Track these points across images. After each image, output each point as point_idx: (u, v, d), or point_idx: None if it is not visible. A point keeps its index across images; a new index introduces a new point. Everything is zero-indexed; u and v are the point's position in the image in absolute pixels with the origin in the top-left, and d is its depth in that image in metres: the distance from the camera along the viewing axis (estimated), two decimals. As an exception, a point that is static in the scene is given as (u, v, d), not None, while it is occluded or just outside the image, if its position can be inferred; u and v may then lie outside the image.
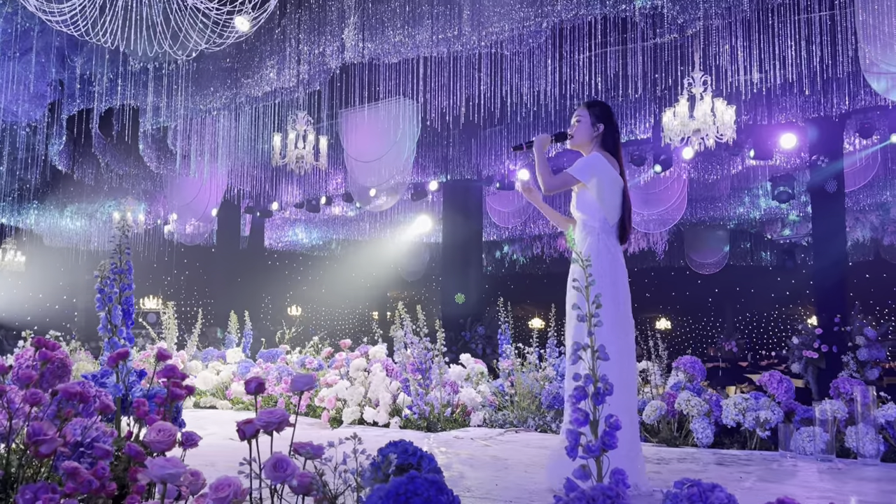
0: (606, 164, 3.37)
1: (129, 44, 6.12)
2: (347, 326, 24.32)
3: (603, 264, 3.29)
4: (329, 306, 23.96)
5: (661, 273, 24.41)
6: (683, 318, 26.60)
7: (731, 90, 8.76)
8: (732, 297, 24.93)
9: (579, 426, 1.83)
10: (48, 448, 1.87)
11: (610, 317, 3.21)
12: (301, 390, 2.23)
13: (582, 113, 3.53)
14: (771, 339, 24.70)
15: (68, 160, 12.76)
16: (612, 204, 3.37)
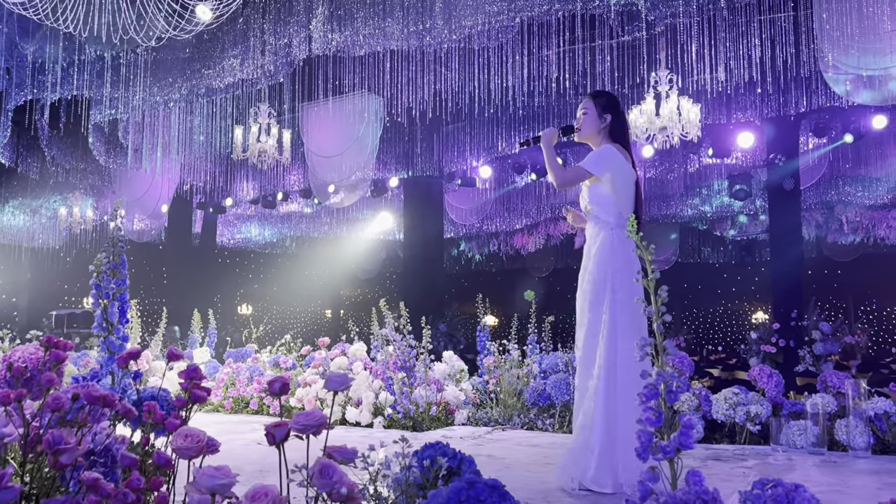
0: (620, 157, 3.31)
1: (92, 29, 5.81)
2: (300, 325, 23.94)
3: (618, 260, 3.23)
4: (280, 304, 23.55)
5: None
6: (632, 315, 27.00)
7: (695, 88, 8.88)
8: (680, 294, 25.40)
9: (652, 425, 1.75)
10: (69, 458, 1.70)
11: (627, 312, 3.16)
12: (337, 390, 2.10)
13: (587, 105, 3.45)
14: (717, 335, 25.29)
15: (12, 153, 12.20)
16: (626, 197, 3.31)
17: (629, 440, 3.05)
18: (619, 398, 3.07)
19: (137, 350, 2.20)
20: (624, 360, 3.10)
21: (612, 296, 3.17)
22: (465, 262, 21.13)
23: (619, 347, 3.12)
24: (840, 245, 18.76)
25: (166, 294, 16.28)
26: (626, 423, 3.04)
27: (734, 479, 3.47)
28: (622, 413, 3.06)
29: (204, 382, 5.88)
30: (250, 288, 22.96)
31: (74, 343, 11.05)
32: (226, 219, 16.97)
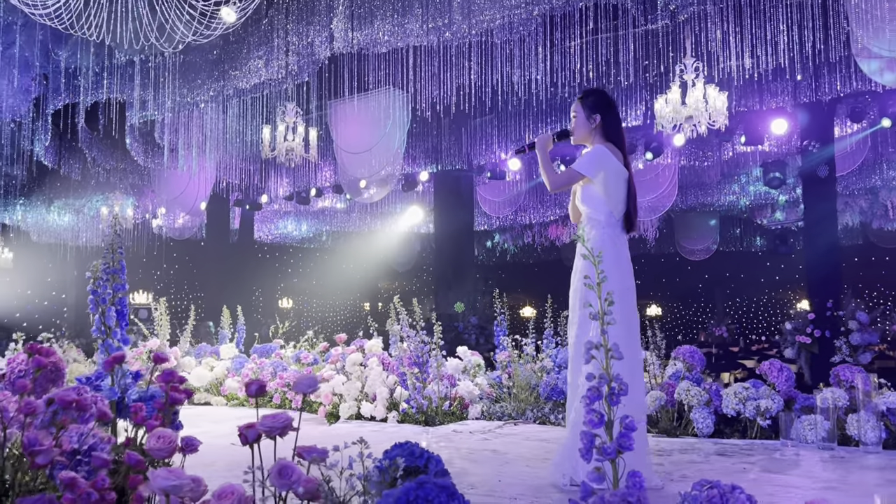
0: (610, 157, 3.31)
1: (115, 36, 6.00)
2: (339, 318, 24.27)
3: (609, 259, 3.22)
4: (320, 298, 23.89)
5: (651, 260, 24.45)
6: (674, 305, 26.70)
7: (723, 76, 8.74)
8: (722, 283, 25.02)
9: (594, 427, 1.78)
10: (44, 459, 1.81)
11: (617, 311, 3.16)
12: (305, 392, 2.18)
13: (576, 108, 3.47)
14: (761, 323, 24.83)
15: (54, 155, 12.61)
16: (617, 197, 3.31)
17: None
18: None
19: (122, 354, 2.31)
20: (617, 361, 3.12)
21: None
22: (500, 254, 21.13)
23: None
24: (886, 231, 18.24)
25: (207, 289, 16.68)
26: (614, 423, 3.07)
27: (733, 474, 3.47)
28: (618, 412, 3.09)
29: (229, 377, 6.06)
30: (290, 282, 23.34)
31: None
32: (263, 215, 17.27)
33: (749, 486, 3.19)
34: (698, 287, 25.48)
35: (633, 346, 3.17)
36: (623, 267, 3.28)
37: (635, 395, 3.11)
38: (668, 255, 22.71)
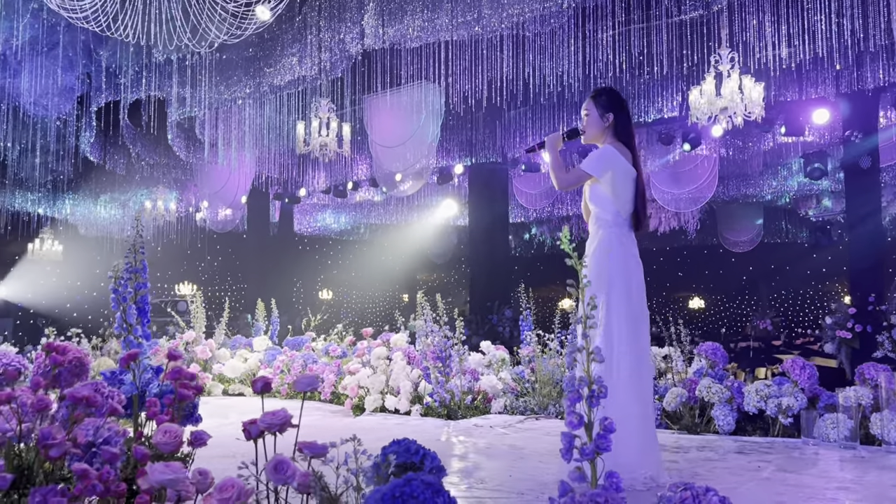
0: (619, 156, 3.32)
1: (150, 38, 6.18)
2: (378, 309, 24.51)
3: (615, 258, 3.25)
4: (360, 290, 24.16)
5: (693, 252, 24.13)
6: (717, 297, 26.31)
7: (760, 66, 8.58)
8: (767, 275, 24.56)
9: (573, 428, 1.82)
10: (57, 451, 1.93)
11: (622, 310, 3.18)
12: (304, 391, 2.27)
13: (588, 106, 3.48)
14: (807, 316, 24.30)
15: (100, 151, 12.99)
16: (624, 197, 3.32)
17: (623, 436, 3.09)
18: (614, 393, 3.12)
19: (136, 352, 2.43)
20: (619, 356, 3.15)
21: (608, 293, 3.21)
22: (537, 247, 21.07)
23: (615, 343, 3.16)
24: (939, 224, 17.69)
25: (249, 281, 17.01)
26: (620, 419, 3.09)
27: (745, 473, 3.46)
28: (616, 408, 3.11)
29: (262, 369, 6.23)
30: (330, 274, 23.64)
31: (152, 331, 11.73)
32: (302, 208, 17.53)
33: (760, 485, 3.19)
34: (742, 279, 25.06)
35: (638, 343, 3.19)
36: (630, 265, 3.28)
37: (637, 390, 3.12)
38: (712, 246, 22.38)
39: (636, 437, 3.06)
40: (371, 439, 4.60)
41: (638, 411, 3.09)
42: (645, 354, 3.23)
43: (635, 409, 3.09)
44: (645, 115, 11.14)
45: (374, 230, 20.58)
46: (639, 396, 3.12)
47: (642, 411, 3.12)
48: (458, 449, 4.14)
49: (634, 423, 3.07)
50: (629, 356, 3.14)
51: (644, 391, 3.16)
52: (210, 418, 5.43)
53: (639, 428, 3.08)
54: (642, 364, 3.18)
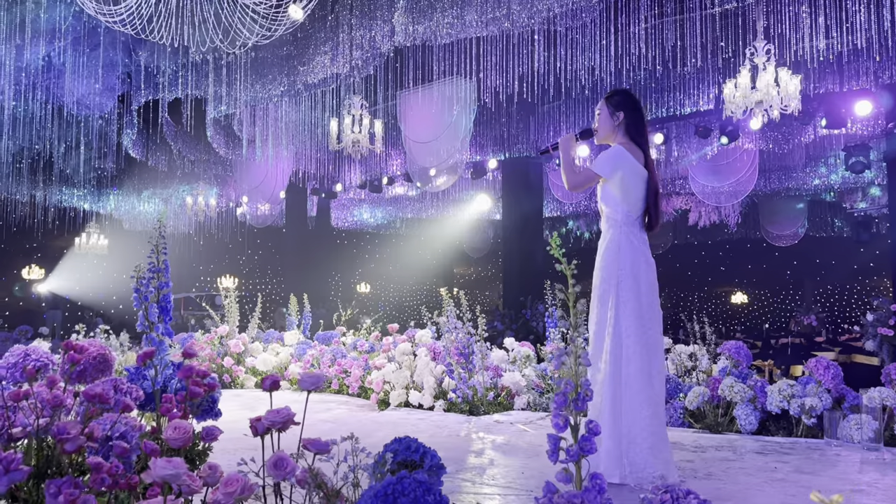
0: (628, 156, 3.32)
1: (183, 40, 6.34)
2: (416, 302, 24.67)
3: (625, 258, 3.27)
4: (397, 283, 24.35)
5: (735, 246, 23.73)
6: (760, 292, 25.86)
7: (797, 58, 8.41)
8: (812, 270, 24.06)
9: (559, 430, 1.86)
10: (72, 445, 2.04)
11: (631, 310, 3.20)
12: (309, 389, 2.34)
13: (601, 106, 3.50)
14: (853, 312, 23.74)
15: (142, 148, 13.33)
16: (634, 196, 3.32)
17: (632, 434, 3.13)
18: (625, 393, 3.15)
19: (152, 350, 2.53)
20: (629, 356, 3.16)
21: (617, 293, 3.23)
22: (574, 241, 20.96)
23: (623, 343, 3.18)
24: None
25: (288, 274, 17.28)
26: (629, 418, 3.12)
27: (760, 473, 3.44)
28: (627, 408, 3.13)
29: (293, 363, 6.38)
30: (368, 267, 23.88)
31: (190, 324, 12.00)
32: (339, 202, 17.74)
33: (772, 486, 3.18)
34: (786, 274, 24.59)
35: (648, 343, 3.19)
36: (640, 265, 3.28)
37: (646, 389, 3.12)
38: (754, 240, 22.01)
39: (647, 436, 3.08)
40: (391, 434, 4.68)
41: (648, 411, 3.10)
42: (655, 354, 3.23)
43: (646, 409, 3.10)
44: (680, 108, 11.02)
45: (410, 224, 20.73)
46: (648, 396, 3.13)
47: (652, 411, 3.12)
48: (476, 445, 4.19)
49: (645, 423, 3.09)
50: (638, 356, 3.15)
51: (654, 391, 3.16)
52: (240, 410, 5.59)
53: (649, 427, 3.09)
54: (652, 364, 3.18)
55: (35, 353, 2.95)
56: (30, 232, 15.43)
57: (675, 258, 24.52)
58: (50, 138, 11.19)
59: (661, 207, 3.45)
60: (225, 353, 7.09)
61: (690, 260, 25.27)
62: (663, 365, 3.32)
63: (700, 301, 26.57)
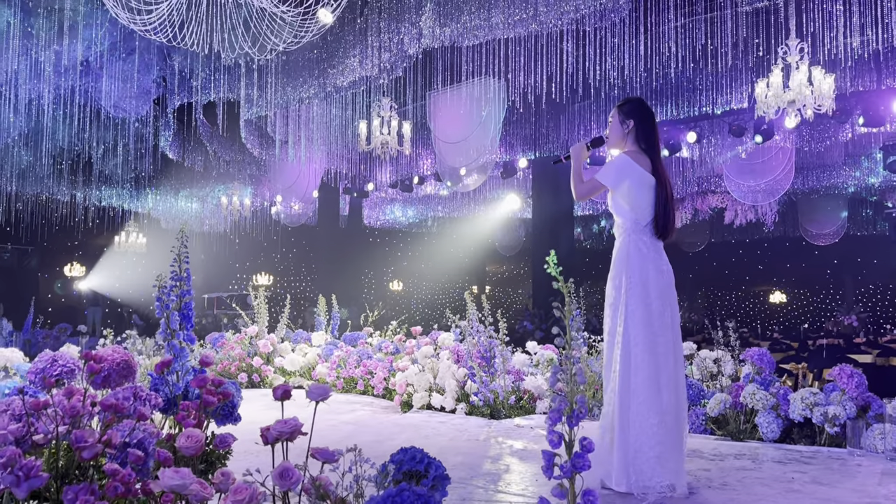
0: (633, 165, 3.31)
1: (212, 47, 6.48)
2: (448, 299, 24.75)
3: (632, 266, 3.27)
4: (430, 281, 24.46)
5: (773, 244, 23.36)
6: (800, 291, 25.42)
7: (831, 57, 8.26)
8: (853, 269, 23.56)
9: (554, 447, 1.89)
10: (89, 453, 2.13)
11: (640, 318, 3.20)
12: (317, 400, 2.40)
13: (613, 114, 3.51)
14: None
15: (178, 149, 13.61)
16: (641, 204, 3.31)
17: (639, 443, 3.13)
18: (633, 403, 3.15)
19: (169, 359, 2.62)
20: (637, 365, 3.16)
21: (626, 301, 3.23)
22: (607, 239, 20.83)
23: (632, 351, 3.18)
24: None
25: (321, 272, 17.49)
26: (636, 427, 3.13)
27: (776, 484, 3.42)
28: (634, 417, 3.14)
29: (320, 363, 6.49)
30: (400, 265, 24.02)
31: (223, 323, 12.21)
32: (371, 201, 17.89)
33: (786, 498, 3.17)
34: (826, 273, 24.12)
35: (656, 352, 3.16)
36: (648, 273, 3.26)
37: (653, 399, 3.11)
38: (793, 239, 21.64)
39: (653, 445, 3.08)
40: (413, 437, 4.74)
41: (655, 419, 3.10)
42: (665, 363, 3.20)
43: (653, 418, 3.10)
44: (713, 106, 10.90)
45: (442, 223, 20.82)
46: (657, 406, 3.12)
47: (659, 420, 3.11)
48: (494, 450, 4.23)
49: (652, 432, 3.09)
50: (646, 365, 3.14)
51: (663, 401, 3.14)
52: (267, 411, 5.70)
53: (656, 437, 3.08)
54: (661, 373, 3.17)
55: (62, 359, 3.07)
56: (71, 230, 15.87)
57: (712, 256, 24.21)
58: (89, 140, 11.49)
59: (673, 214, 3.40)
60: (254, 353, 7.23)
61: (728, 258, 24.94)
62: (677, 373, 3.29)
63: (737, 300, 26.22)
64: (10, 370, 3.87)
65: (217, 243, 18.06)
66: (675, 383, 3.26)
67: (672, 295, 3.37)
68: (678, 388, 3.29)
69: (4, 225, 15.12)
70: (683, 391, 3.38)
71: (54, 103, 10.15)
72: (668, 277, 3.36)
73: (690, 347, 5.69)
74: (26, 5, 8.28)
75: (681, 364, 3.39)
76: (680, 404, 3.30)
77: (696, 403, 4.97)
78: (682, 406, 3.32)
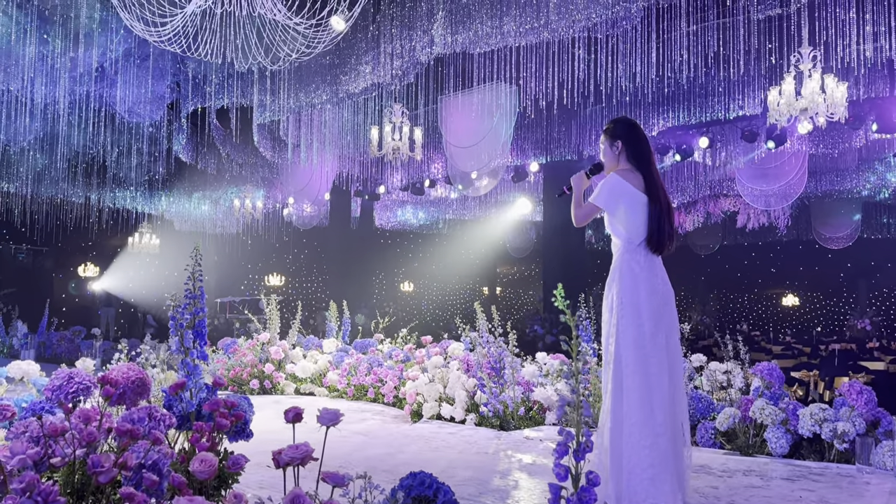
0: (624, 184, 3.29)
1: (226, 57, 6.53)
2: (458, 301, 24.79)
3: (625, 284, 3.24)
4: (440, 282, 24.50)
5: (786, 247, 23.26)
6: (813, 295, 25.28)
7: (844, 64, 8.23)
8: (867, 273, 23.41)
9: (560, 480, 1.92)
10: (106, 478, 2.18)
11: (631, 339, 3.16)
12: (328, 424, 2.44)
13: (602, 140, 3.51)
14: (912, 317, 23.03)
15: (192, 152, 13.71)
16: (634, 223, 3.28)
17: (632, 465, 3.12)
18: (625, 424, 3.11)
19: (182, 382, 2.67)
20: (629, 387, 3.12)
21: (617, 323, 3.20)
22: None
23: (624, 373, 3.15)
24: None
25: (332, 273, 17.55)
26: (629, 449, 3.10)
27: (785, 501, 3.44)
28: (626, 439, 3.12)
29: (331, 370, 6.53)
30: (411, 266, 24.07)
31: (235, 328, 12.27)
32: (382, 204, 17.95)
33: (793, 520, 3.18)
34: (840, 276, 23.98)
35: (648, 372, 3.13)
36: (640, 292, 3.22)
37: (647, 420, 3.08)
38: (806, 242, 21.54)
39: (646, 467, 3.04)
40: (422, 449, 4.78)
41: (648, 441, 3.06)
42: (658, 385, 3.14)
43: (646, 440, 3.06)
44: (726, 112, 10.88)
45: (453, 225, 20.86)
46: (649, 428, 3.08)
47: (652, 441, 3.06)
48: (503, 464, 4.26)
49: (644, 454, 3.05)
50: (637, 387, 3.11)
51: (657, 422, 3.10)
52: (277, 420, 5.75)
53: (648, 458, 3.05)
54: (654, 395, 3.12)
55: (78, 376, 3.12)
56: (85, 232, 16.02)
57: (725, 259, 24.13)
58: (103, 144, 11.60)
59: (670, 228, 3.34)
60: (266, 360, 7.29)
61: (740, 261, 24.86)
62: (674, 393, 3.20)
63: (750, 303, 26.12)
64: (26, 383, 3.93)
65: (230, 245, 18.19)
66: (672, 403, 3.20)
67: (668, 314, 3.31)
68: (675, 407, 3.23)
69: (20, 226, 15.29)
70: (683, 410, 3.32)
71: (69, 108, 10.26)
72: (663, 297, 3.30)
73: (700, 359, 5.70)
74: (43, 13, 8.37)
75: (679, 383, 3.32)
76: (677, 425, 3.23)
77: (706, 417, 4.99)
78: (679, 426, 3.26)
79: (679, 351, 3.43)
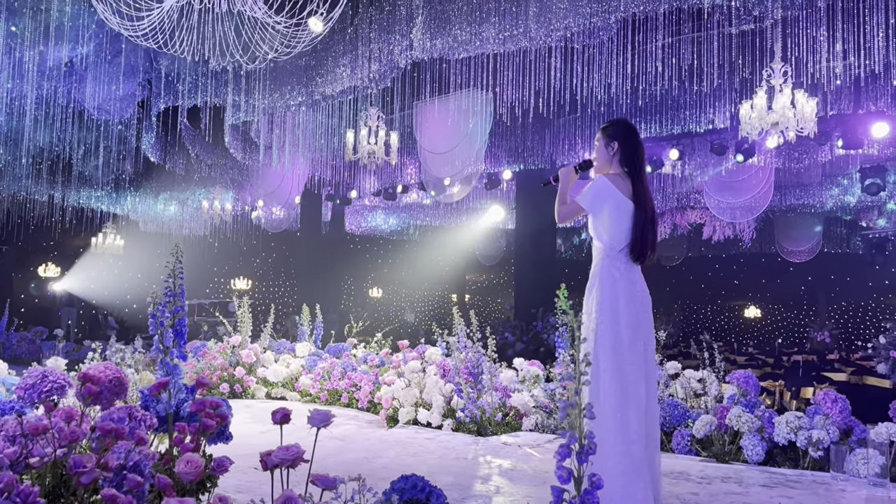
0: (611, 188, 3.27)
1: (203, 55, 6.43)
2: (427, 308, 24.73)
3: (604, 290, 3.21)
4: (409, 289, 24.43)
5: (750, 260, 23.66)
6: (774, 307, 25.73)
7: (813, 80, 8.40)
8: (826, 286, 23.93)
9: (563, 483, 1.90)
10: (88, 478, 2.10)
11: (609, 346, 3.13)
12: (318, 426, 2.39)
13: (598, 137, 3.47)
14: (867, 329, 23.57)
15: (160, 152, 13.47)
16: (617, 228, 3.25)
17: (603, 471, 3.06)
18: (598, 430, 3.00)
19: (166, 381, 2.59)
20: (605, 393, 3.09)
21: (595, 328, 3.17)
22: (586, 251, 20.95)
23: (601, 378, 3.09)
24: None
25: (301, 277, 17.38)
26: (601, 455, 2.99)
27: (764, 511, 3.46)
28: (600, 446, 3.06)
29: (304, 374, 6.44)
30: (381, 272, 23.96)
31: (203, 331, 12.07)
32: (353, 208, 17.84)
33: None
34: (801, 289, 24.47)
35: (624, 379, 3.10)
36: (619, 298, 3.18)
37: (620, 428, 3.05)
38: (769, 255, 21.93)
39: (616, 475, 2.99)
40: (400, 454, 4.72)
41: (619, 449, 3.02)
42: (633, 393, 3.11)
43: (618, 447, 3.02)
44: (696, 125, 11.02)
45: (424, 231, 20.82)
46: (622, 436, 3.04)
47: (624, 449, 3.02)
48: (483, 470, 4.23)
49: (617, 461, 3.01)
50: (612, 395, 3.08)
51: (630, 430, 3.06)
52: (251, 424, 5.65)
53: (621, 466, 3.00)
54: (629, 403, 3.08)
55: (52, 374, 3.02)
56: (47, 231, 15.63)
57: (689, 271, 24.47)
58: (70, 141, 11.34)
59: (653, 238, 3.31)
60: (237, 363, 7.17)
61: (704, 273, 25.23)
62: (649, 402, 3.19)
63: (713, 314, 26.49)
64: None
65: (196, 247, 17.89)
66: (646, 412, 3.16)
67: (645, 321, 3.28)
68: (649, 417, 3.19)
69: (-21, 224, 14.89)
70: (655, 420, 3.29)
71: (35, 103, 10.02)
72: (641, 304, 3.28)
73: (675, 367, 5.74)
74: (11, 5, 8.16)
75: (653, 392, 3.30)
76: (651, 434, 3.20)
77: (681, 423, 5.01)
78: (653, 435, 3.23)
79: (654, 359, 3.42)
